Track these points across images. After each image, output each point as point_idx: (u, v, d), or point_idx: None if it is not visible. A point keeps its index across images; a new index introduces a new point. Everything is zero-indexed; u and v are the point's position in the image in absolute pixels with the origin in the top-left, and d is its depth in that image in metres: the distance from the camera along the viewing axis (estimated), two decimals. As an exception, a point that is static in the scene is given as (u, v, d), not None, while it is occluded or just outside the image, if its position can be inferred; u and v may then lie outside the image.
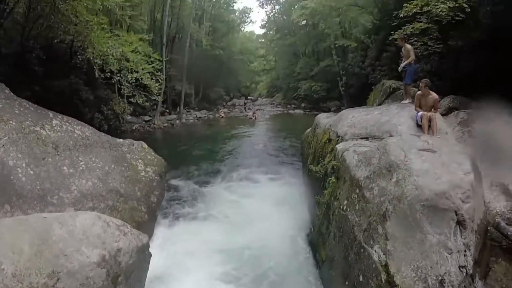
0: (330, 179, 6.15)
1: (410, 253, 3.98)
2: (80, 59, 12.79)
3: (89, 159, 6.58)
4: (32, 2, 11.28)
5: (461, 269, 3.86)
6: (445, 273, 3.76)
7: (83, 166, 6.35)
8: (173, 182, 11.25)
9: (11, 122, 5.79)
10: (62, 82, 13.43)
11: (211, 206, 9.40)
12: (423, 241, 4.00)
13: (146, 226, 6.78)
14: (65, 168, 6.07)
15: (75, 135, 6.73)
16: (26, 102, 6.65)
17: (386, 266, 4.03)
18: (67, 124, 6.84)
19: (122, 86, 14.63)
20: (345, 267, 4.88)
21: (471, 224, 4.17)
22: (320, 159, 7.48)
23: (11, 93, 6.53)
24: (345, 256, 4.93)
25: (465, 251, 4.00)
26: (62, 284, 3.63)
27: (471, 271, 3.91)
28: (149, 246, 5.14)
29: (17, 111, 6.15)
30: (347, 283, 4.72)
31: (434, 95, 6.32)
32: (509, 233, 4.51)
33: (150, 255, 5.16)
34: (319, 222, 6.50)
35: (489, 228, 4.47)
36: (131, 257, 4.46)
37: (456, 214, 4.12)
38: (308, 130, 10.09)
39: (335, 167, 6.13)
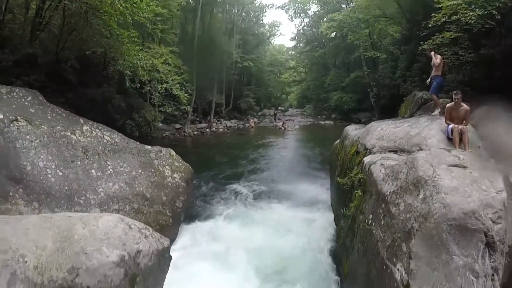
0: (357, 192, 6.03)
1: (434, 274, 3.75)
2: (112, 70, 13.35)
3: (117, 163, 6.81)
4: (66, 16, 11.96)
5: None
6: None
7: (110, 170, 6.58)
8: (200, 188, 11.44)
9: (43, 126, 6.11)
10: (95, 90, 14.01)
11: (237, 212, 9.49)
12: (449, 262, 3.76)
13: (170, 229, 6.94)
14: (93, 171, 6.31)
15: (105, 140, 6.99)
16: (58, 108, 7.00)
17: (407, 286, 3.83)
18: (97, 130, 7.12)
19: (153, 96, 15.10)
20: (367, 283, 4.72)
21: (501, 246, 3.87)
22: (348, 171, 7.35)
23: (44, 100, 6.89)
24: (367, 272, 4.76)
25: (493, 275, 3.72)
26: (81, 279, 3.72)
27: None
28: (169, 250, 5.19)
29: (49, 117, 6.48)
30: (369, 301, 4.51)
31: (465, 106, 6.06)
32: None
33: (171, 258, 5.22)
34: (344, 235, 6.37)
35: None
36: (151, 259, 4.51)
37: (486, 236, 3.85)
38: (337, 142, 9.99)
39: (361, 180, 6.01)
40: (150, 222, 6.37)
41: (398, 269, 4.06)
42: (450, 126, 5.93)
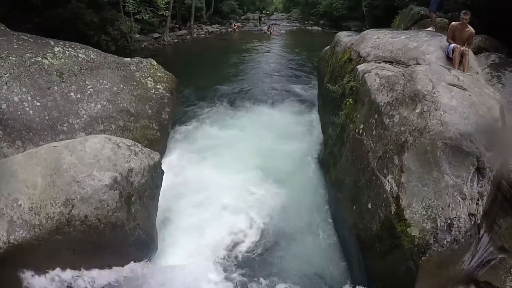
0: (348, 101, 5.95)
1: (424, 190, 3.85)
2: None
3: (96, 81, 6.42)
4: None
5: (471, 217, 3.75)
6: (455, 217, 3.67)
7: (90, 90, 6.23)
8: (185, 96, 11.28)
9: (10, 57, 5.61)
10: (64, 9, 13.05)
11: (224, 123, 9.56)
12: (439, 180, 3.83)
13: (158, 143, 6.95)
14: (72, 94, 5.98)
15: (80, 59, 6.51)
16: (24, 34, 6.37)
17: (397, 198, 3.96)
18: (70, 49, 6.59)
19: (126, 3, 13.68)
20: (354, 191, 4.89)
21: (490, 174, 3.95)
22: (338, 78, 7.18)
23: (7, 29, 6.24)
24: (355, 181, 4.91)
25: (478, 199, 3.85)
26: (77, 210, 3.73)
27: (479, 221, 3.82)
28: (161, 164, 5.19)
29: (15, 46, 5.92)
30: (354, 207, 4.77)
31: (470, 29, 5.68)
32: None
33: (163, 172, 5.25)
34: (332, 143, 6.48)
35: (503, 182, 4.20)
36: (143, 176, 4.50)
37: (478, 161, 3.90)
38: (327, 47, 9.62)
39: (354, 88, 5.88)
40: (138, 138, 6.31)
41: (388, 181, 4.17)
42: (452, 45, 5.60)
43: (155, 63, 8.06)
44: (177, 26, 25.33)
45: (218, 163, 7.32)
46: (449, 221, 3.64)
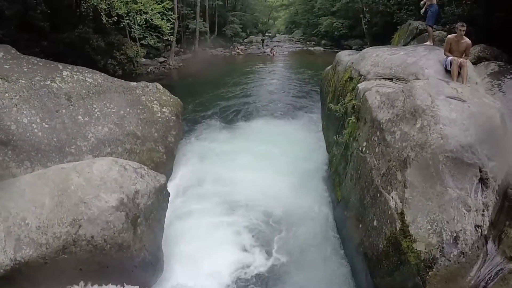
0: (350, 119, 6.00)
1: (428, 204, 3.84)
2: (85, 7, 12.26)
3: (103, 105, 6.56)
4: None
5: (477, 229, 3.72)
6: (461, 230, 3.65)
7: (97, 113, 6.36)
8: (191, 121, 11.43)
9: (20, 80, 5.74)
10: (71, 33, 13.24)
11: (230, 143, 9.64)
12: (443, 194, 3.82)
13: (164, 166, 7.00)
14: (80, 117, 6.09)
15: (87, 83, 6.65)
16: (34, 58, 6.54)
17: (402, 214, 3.95)
18: (78, 73, 6.75)
19: (132, 29, 14.16)
20: (360, 209, 4.87)
21: (494, 183, 3.94)
22: (340, 97, 7.27)
23: (18, 53, 6.41)
24: (360, 199, 4.91)
25: (483, 210, 3.83)
26: (84, 230, 3.78)
27: (485, 232, 3.77)
28: (167, 186, 5.25)
29: (25, 69, 6.07)
30: (361, 226, 4.74)
31: (467, 40, 5.79)
32: None
33: (169, 194, 5.31)
34: (337, 162, 6.50)
35: (509, 190, 4.15)
36: (149, 198, 4.56)
37: (480, 171, 3.89)
38: (329, 67, 9.77)
39: (355, 107, 5.94)
40: (144, 161, 6.39)
41: (392, 197, 4.16)
42: (449, 58, 5.70)
43: (161, 87, 8.21)
44: (182, 50, 25.91)
45: (226, 183, 7.35)
46: (455, 234, 3.61)
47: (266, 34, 48.98)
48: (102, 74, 7.31)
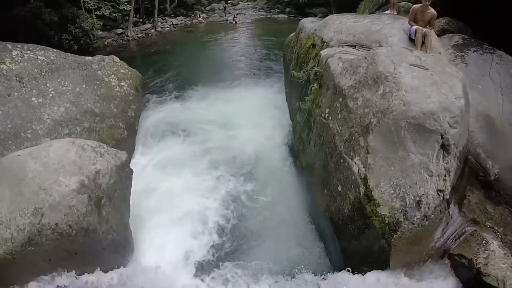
0: (313, 86, 6.00)
1: (391, 169, 3.96)
2: None
3: (57, 83, 6.19)
4: None
5: (439, 193, 3.88)
6: (423, 194, 3.79)
7: (52, 93, 6.01)
8: (152, 92, 11.07)
9: None
10: (21, 9, 12.46)
11: (194, 114, 9.45)
12: (405, 159, 3.94)
13: (126, 142, 6.83)
14: (33, 99, 5.76)
15: (39, 61, 6.26)
16: None
17: (365, 179, 4.06)
18: (29, 52, 6.33)
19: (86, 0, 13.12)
20: (324, 175, 4.96)
21: (455, 150, 4.07)
22: (303, 64, 7.21)
23: None
24: (324, 165, 4.98)
25: (445, 175, 3.97)
26: (47, 219, 3.62)
27: (447, 196, 3.94)
28: (129, 163, 5.09)
29: None
30: (325, 191, 4.84)
31: (432, 10, 5.82)
32: (487, 165, 4.47)
33: (132, 171, 5.15)
34: (300, 129, 6.54)
35: (469, 157, 4.37)
36: (111, 177, 4.42)
37: (442, 138, 4.00)
38: (292, 34, 9.61)
39: (318, 73, 5.93)
40: (104, 139, 6.18)
41: (355, 163, 4.27)
42: (414, 27, 5.74)
43: (118, 60, 7.84)
44: (141, 20, 24.52)
45: (189, 157, 7.27)
46: (417, 199, 3.76)
47: (229, 1, 47.27)
48: (55, 50, 6.87)
